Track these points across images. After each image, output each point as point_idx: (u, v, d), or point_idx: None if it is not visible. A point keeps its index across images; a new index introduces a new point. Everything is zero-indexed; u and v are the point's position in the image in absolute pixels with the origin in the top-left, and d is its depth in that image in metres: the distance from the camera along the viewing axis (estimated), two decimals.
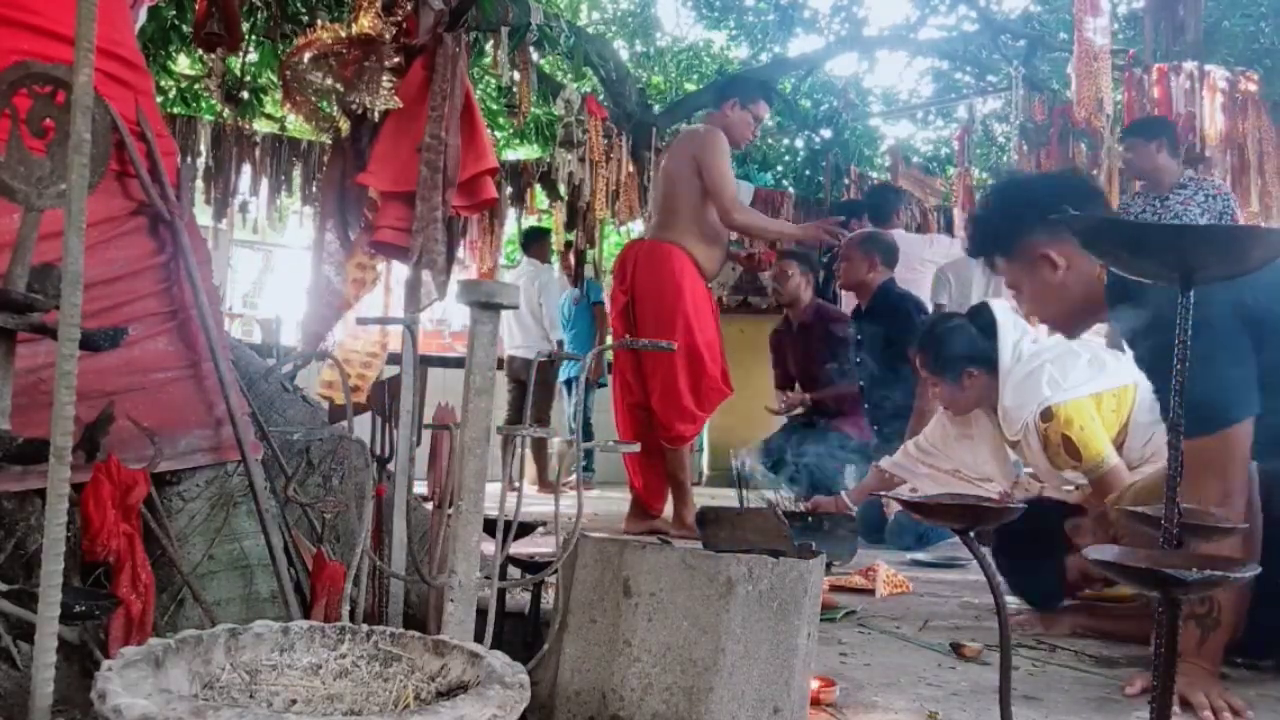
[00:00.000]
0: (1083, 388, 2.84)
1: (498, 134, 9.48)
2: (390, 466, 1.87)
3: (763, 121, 4.21)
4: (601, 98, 8.03)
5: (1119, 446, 2.85)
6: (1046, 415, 2.82)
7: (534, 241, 6.91)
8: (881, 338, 4.30)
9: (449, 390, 2.10)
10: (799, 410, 4.90)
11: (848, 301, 5.19)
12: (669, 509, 4.15)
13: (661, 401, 3.94)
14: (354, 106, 1.96)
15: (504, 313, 1.39)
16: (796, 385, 5.11)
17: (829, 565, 3.24)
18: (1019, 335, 3.03)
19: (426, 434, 1.90)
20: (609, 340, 6.58)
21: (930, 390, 3.35)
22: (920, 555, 3.90)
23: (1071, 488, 3.03)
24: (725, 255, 4.19)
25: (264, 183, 7.14)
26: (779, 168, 10.06)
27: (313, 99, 1.99)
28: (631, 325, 3.97)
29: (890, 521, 4.24)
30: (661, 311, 3.86)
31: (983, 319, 3.08)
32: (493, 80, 8.10)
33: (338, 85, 1.96)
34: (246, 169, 7.05)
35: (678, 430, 3.96)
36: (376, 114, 1.98)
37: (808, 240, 4.53)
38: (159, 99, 5.37)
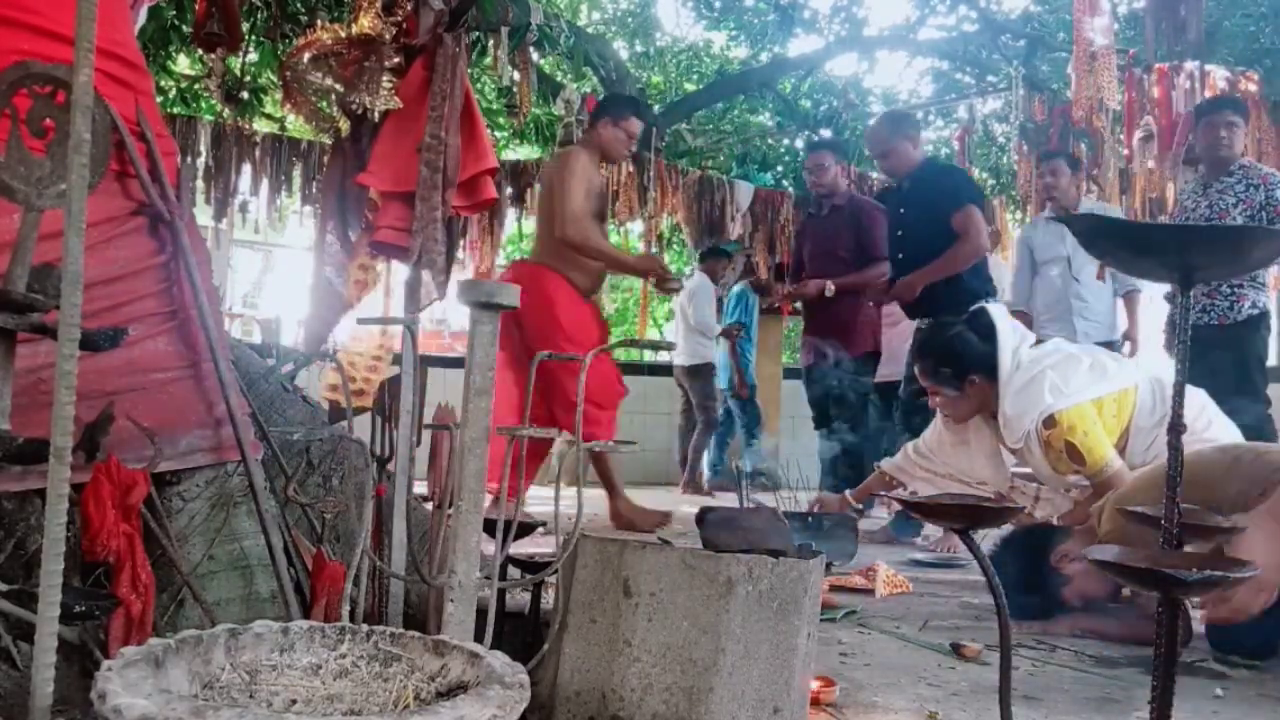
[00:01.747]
0: (1084, 393, 2.84)
1: (498, 134, 9.47)
2: (390, 466, 1.87)
3: (635, 136, 4.29)
4: (601, 98, 8.03)
5: (1120, 450, 2.85)
6: (1049, 422, 2.81)
7: (710, 257, 7.23)
8: (930, 206, 4.14)
9: (449, 390, 2.10)
10: (821, 294, 4.76)
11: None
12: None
13: (566, 412, 4.07)
14: (354, 106, 1.96)
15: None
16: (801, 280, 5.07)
17: (829, 565, 3.24)
18: (1018, 341, 3.02)
19: (426, 434, 1.90)
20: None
21: (930, 401, 3.33)
22: (920, 555, 3.91)
23: (1073, 491, 3.03)
24: (602, 268, 4.26)
25: (264, 183, 7.12)
26: (779, 168, 10.05)
27: (313, 99, 1.99)
28: (518, 345, 4.09)
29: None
30: (545, 332, 3.97)
31: (981, 323, 3.08)
32: (492, 80, 8.10)
33: (338, 85, 1.96)
34: (246, 169, 7.03)
35: (589, 431, 4.10)
36: (376, 114, 1.97)
37: (643, 272, 4.58)
38: (159, 99, 5.37)
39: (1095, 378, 2.88)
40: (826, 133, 9.39)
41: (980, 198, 4.26)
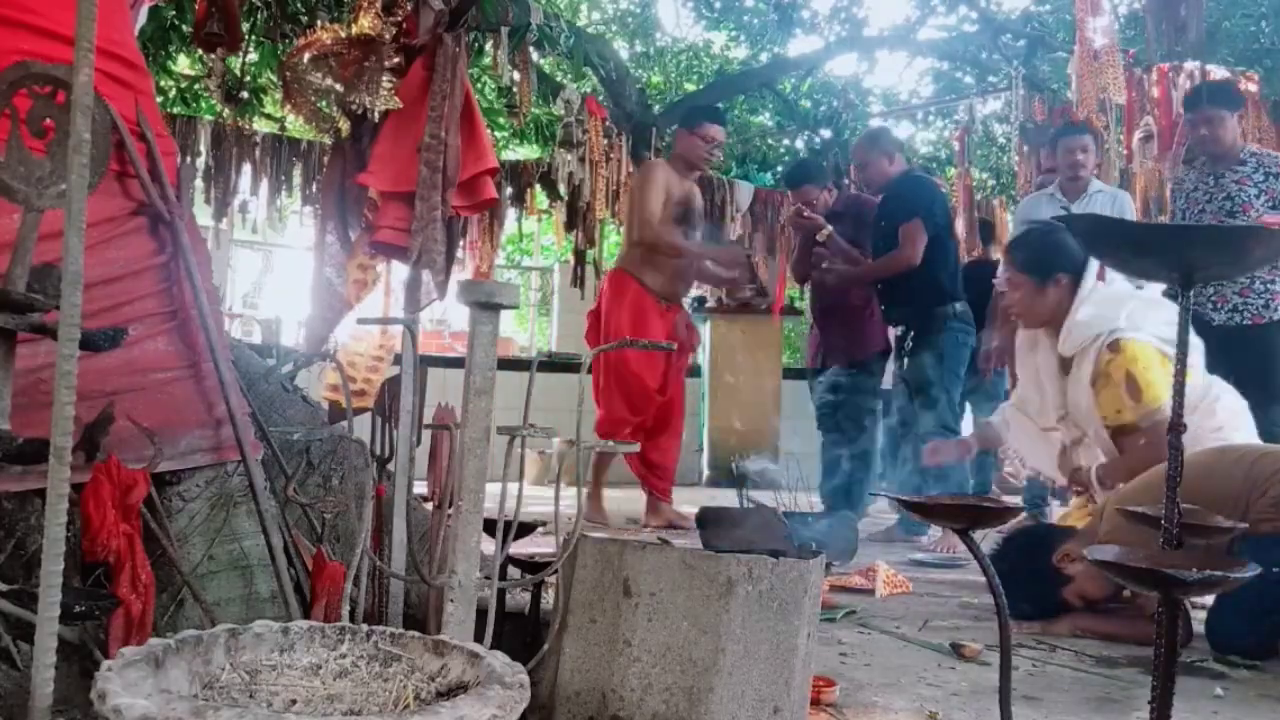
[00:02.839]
0: (1154, 339, 2.78)
1: (498, 134, 9.46)
2: (390, 466, 1.87)
3: (717, 141, 4.50)
4: (601, 98, 8.03)
5: None
6: (1114, 347, 2.76)
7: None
8: (893, 217, 4.31)
9: (449, 390, 2.10)
10: (819, 232, 4.71)
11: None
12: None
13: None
14: (354, 106, 1.96)
15: None
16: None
17: (829, 565, 3.24)
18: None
19: (426, 434, 1.90)
20: None
21: (1009, 293, 3.22)
22: (920, 555, 3.91)
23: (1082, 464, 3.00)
24: (681, 274, 4.50)
25: (264, 183, 7.12)
26: (779, 168, 10.05)
27: (313, 99, 1.99)
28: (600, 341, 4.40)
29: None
30: (610, 329, 4.33)
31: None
32: (492, 80, 8.10)
33: (338, 85, 1.96)
34: (246, 169, 7.03)
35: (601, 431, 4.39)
36: (376, 114, 1.97)
37: (728, 268, 4.78)
38: (159, 99, 5.37)
39: (1168, 334, 2.83)
40: (826, 133, 9.39)
41: (930, 211, 4.27)
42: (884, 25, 12.74)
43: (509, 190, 7.64)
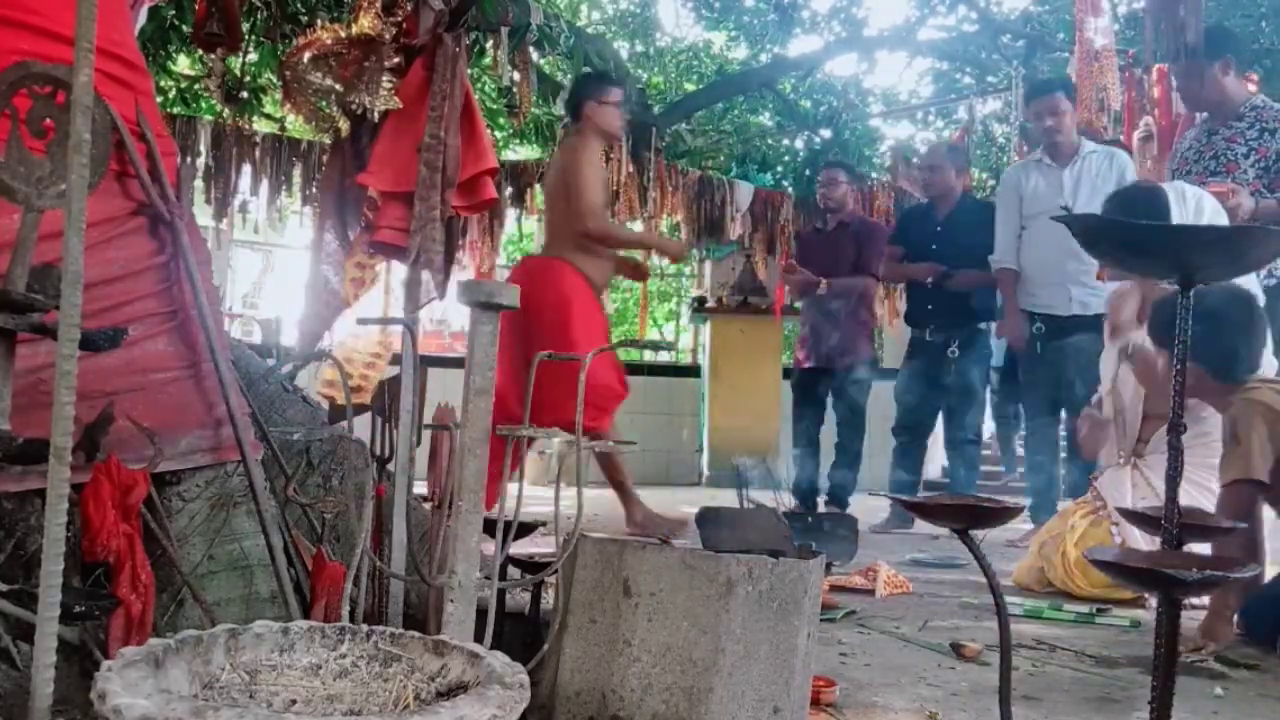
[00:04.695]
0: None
1: (498, 134, 9.46)
2: (390, 466, 1.87)
3: (621, 103, 4.16)
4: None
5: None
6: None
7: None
8: (966, 242, 4.59)
9: (449, 390, 2.10)
10: (815, 289, 5.02)
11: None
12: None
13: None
14: (354, 106, 1.96)
15: None
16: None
17: (829, 565, 3.24)
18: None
19: (426, 434, 1.90)
20: None
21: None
22: (920, 555, 3.91)
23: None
24: (614, 264, 4.21)
25: (264, 183, 7.13)
26: (779, 168, 10.04)
27: (313, 99, 1.99)
28: (523, 341, 3.95)
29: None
30: (555, 328, 3.87)
31: (1159, 203, 2.87)
32: (492, 80, 8.09)
33: (338, 85, 1.96)
34: (246, 169, 7.04)
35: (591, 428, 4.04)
36: (376, 114, 1.97)
37: (667, 251, 4.79)
38: (159, 99, 5.36)
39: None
40: (826, 133, 9.40)
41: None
42: (884, 25, 12.74)
43: (509, 190, 7.65)
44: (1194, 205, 2.91)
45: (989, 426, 6.92)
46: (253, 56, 7.07)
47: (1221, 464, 2.36)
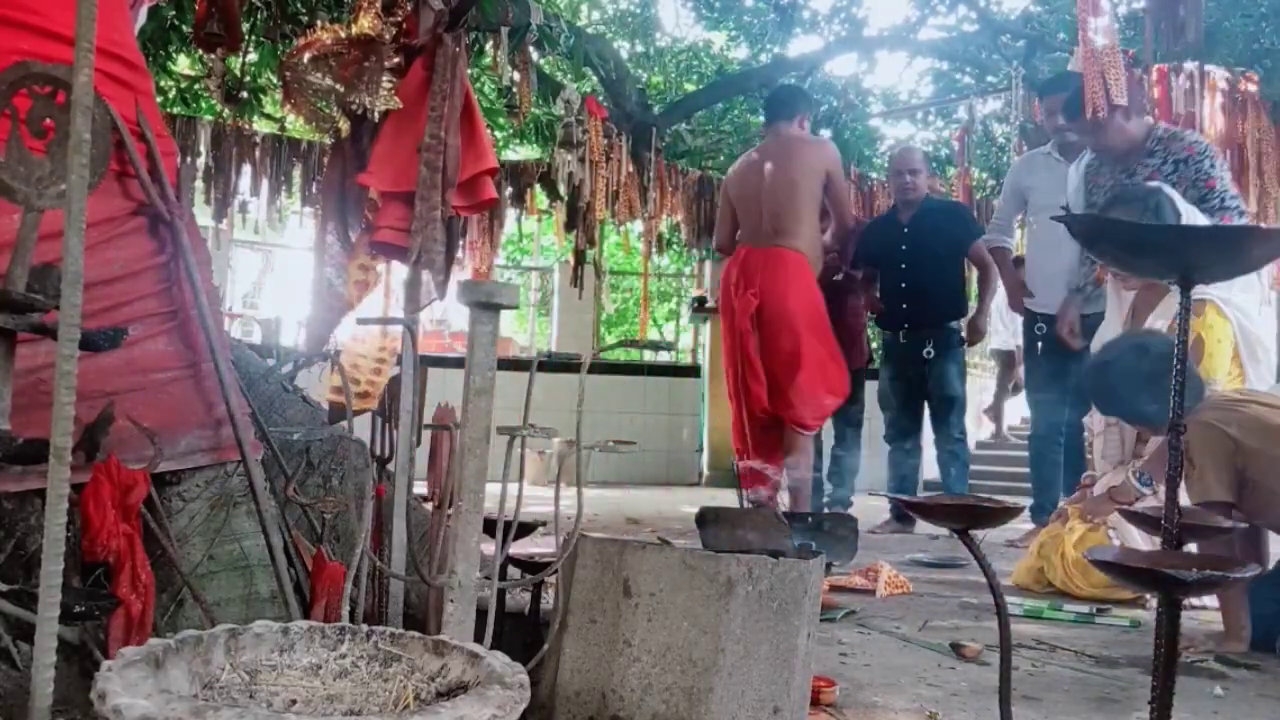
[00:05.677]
0: (1237, 314, 2.76)
1: (498, 134, 9.46)
2: (390, 466, 1.87)
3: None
4: (601, 98, 8.02)
5: None
6: (1199, 309, 2.73)
7: None
8: (933, 244, 4.63)
9: (449, 390, 2.10)
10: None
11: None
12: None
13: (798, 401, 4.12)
14: (354, 106, 1.96)
15: None
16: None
17: (829, 565, 3.23)
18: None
19: (426, 434, 1.90)
20: None
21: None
22: (920, 555, 3.91)
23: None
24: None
25: (264, 183, 7.13)
26: None
27: (313, 99, 1.99)
28: (759, 330, 4.08)
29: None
30: (796, 319, 4.03)
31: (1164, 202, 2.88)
32: (492, 80, 8.09)
33: (338, 85, 1.96)
34: (246, 169, 7.04)
35: (809, 423, 4.16)
36: (376, 114, 1.97)
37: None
38: (159, 99, 5.37)
39: (1253, 341, 2.79)
40: (826, 133, 9.39)
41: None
42: (884, 25, 12.75)
43: (509, 190, 7.64)
44: (1186, 208, 2.92)
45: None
46: (253, 56, 7.07)
47: (1185, 487, 2.39)
